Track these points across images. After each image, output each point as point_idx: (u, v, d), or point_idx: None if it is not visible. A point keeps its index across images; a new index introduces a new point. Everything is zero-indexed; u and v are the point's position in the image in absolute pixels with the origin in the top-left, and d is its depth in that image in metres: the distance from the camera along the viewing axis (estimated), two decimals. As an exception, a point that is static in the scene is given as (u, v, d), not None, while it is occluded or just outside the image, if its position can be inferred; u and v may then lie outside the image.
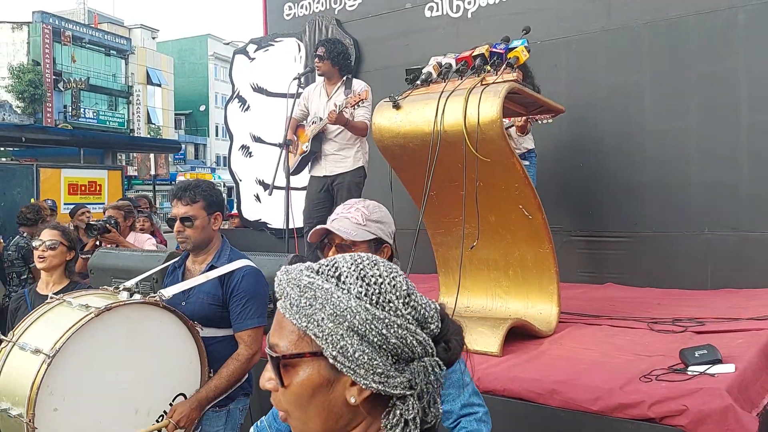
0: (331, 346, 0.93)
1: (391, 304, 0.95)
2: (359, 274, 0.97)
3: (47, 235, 3.45)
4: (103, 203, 9.01)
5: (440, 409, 0.97)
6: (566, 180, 5.55)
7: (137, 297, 2.56)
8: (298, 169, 5.24)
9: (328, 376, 0.95)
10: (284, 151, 5.09)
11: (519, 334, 3.45)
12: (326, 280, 0.97)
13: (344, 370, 0.93)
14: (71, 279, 3.56)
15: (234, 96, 8.22)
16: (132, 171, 25.95)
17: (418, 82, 3.59)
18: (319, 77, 5.36)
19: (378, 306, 0.94)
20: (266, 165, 7.39)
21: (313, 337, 0.94)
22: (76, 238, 3.78)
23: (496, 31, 4.44)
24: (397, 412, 0.94)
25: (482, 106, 3.20)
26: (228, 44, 48.69)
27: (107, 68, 40.27)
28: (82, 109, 36.78)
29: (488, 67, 3.41)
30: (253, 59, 8.01)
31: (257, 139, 7.89)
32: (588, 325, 3.82)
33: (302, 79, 5.45)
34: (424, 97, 3.50)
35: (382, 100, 3.67)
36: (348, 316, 0.93)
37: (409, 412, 0.94)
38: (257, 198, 7.87)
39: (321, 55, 5.04)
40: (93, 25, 41.35)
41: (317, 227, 1.97)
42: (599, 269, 5.47)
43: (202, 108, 49.17)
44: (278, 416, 1.02)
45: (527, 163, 4.93)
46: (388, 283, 0.97)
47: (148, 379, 2.52)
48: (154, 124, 43.33)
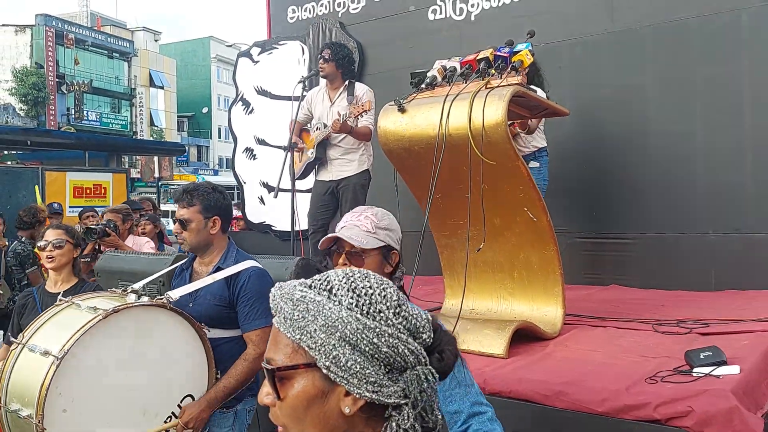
0: (324, 357, 0.96)
1: (381, 314, 0.98)
2: (350, 286, 1.00)
3: (53, 235, 3.43)
4: (108, 206, 9.03)
5: (438, 415, 0.98)
6: (570, 182, 5.55)
7: (145, 299, 2.58)
8: (303, 175, 5.28)
9: (323, 387, 0.97)
10: (289, 154, 5.11)
11: (524, 336, 3.46)
12: (318, 293, 1.00)
13: (337, 379, 0.95)
14: (79, 277, 3.57)
15: (238, 99, 8.24)
16: (134, 173, 25.98)
17: (423, 86, 3.59)
18: (322, 81, 5.38)
19: (369, 316, 0.97)
20: (270, 167, 7.41)
21: (306, 348, 0.97)
22: (80, 236, 3.78)
23: (500, 34, 4.46)
24: (393, 424, 0.96)
25: (487, 109, 3.21)
26: (230, 46, 48.60)
27: (110, 71, 40.26)
28: (85, 112, 36.74)
29: (493, 71, 3.42)
30: (257, 62, 8.03)
31: (261, 142, 7.91)
32: (593, 326, 3.82)
33: (306, 82, 5.47)
34: (429, 100, 3.51)
35: (387, 103, 3.68)
36: (339, 327, 0.96)
37: (405, 421, 0.96)
38: (261, 200, 7.88)
39: (326, 57, 5.07)
40: (96, 28, 41.41)
41: (328, 236, 2.00)
42: (603, 271, 5.46)
43: (205, 110, 49.14)
44: None
45: (537, 164, 4.87)
46: (379, 294, 0.99)
47: (156, 380, 2.54)
48: (157, 126, 43.33)
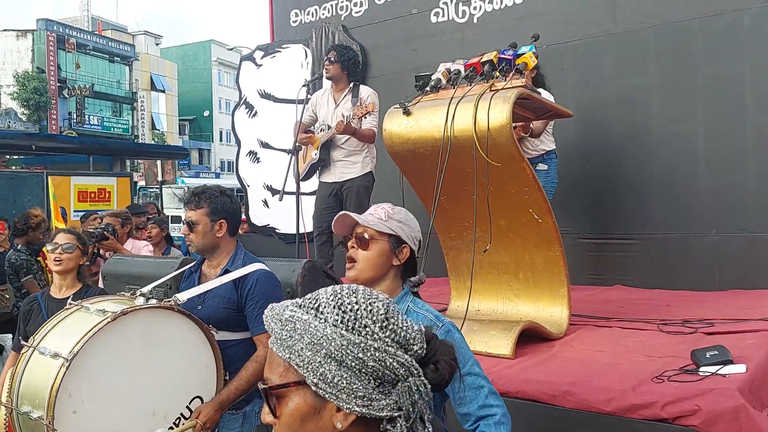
0: (311, 374, 0.98)
1: (367, 329, 0.99)
2: (336, 303, 1.02)
3: (63, 239, 3.45)
4: (112, 210, 9.04)
5: (430, 428, 1.00)
6: (573, 183, 5.57)
7: (153, 302, 2.59)
8: (307, 176, 5.30)
9: (314, 404, 0.99)
10: (294, 157, 5.13)
11: (530, 336, 3.48)
12: (306, 312, 1.02)
13: (327, 396, 0.97)
14: (84, 282, 3.59)
15: (241, 102, 8.27)
16: (136, 177, 25.93)
17: (428, 89, 3.61)
18: (326, 83, 5.40)
19: (354, 332, 0.99)
20: (274, 170, 7.44)
21: (296, 367, 0.99)
22: (89, 244, 3.80)
23: (502, 37, 4.49)
24: None
25: (492, 111, 3.23)
26: (231, 50, 48.69)
27: (111, 75, 40.31)
28: (86, 116, 36.80)
29: (497, 73, 3.44)
30: (260, 65, 8.05)
31: (265, 145, 7.93)
32: (598, 327, 3.84)
33: (310, 86, 5.49)
34: (434, 103, 3.53)
35: (392, 106, 3.70)
36: (324, 344, 0.98)
37: None
38: (265, 203, 7.90)
39: (332, 59, 5.10)
40: (97, 32, 41.51)
41: (340, 213, 2.07)
42: (607, 271, 5.48)
43: (206, 113, 49.18)
44: None
45: (546, 166, 4.84)
46: (365, 309, 1.01)
47: (165, 381, 2.55)
48: (159, 130, 43.36)
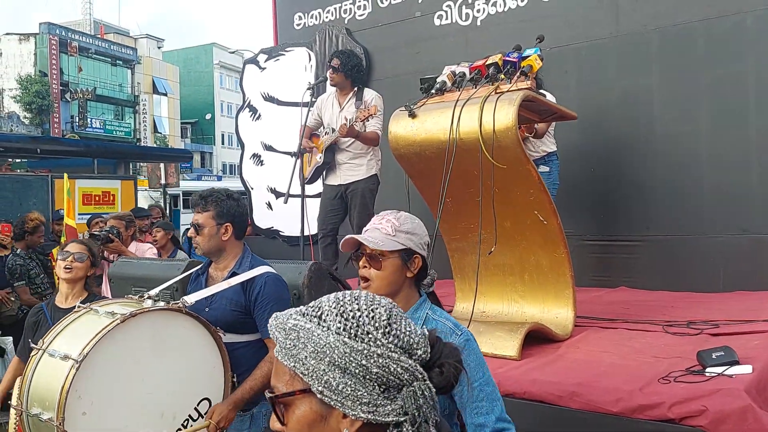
0: (316, 382, 0.99)
1: (369, 336, 1.00)
2: (339, 310, 1.03)
3: (76, 248, 3.47)
4: (116, 213, 9.06)
5: (433, 431, 1.01)
6: (577, 184, 5.58)
7: (161, 304, 2.61)
8: (312, 179, 5.31)
9: (321, 411, 1.01)
10: (299, 160, 5.15)
11: (536, 338, 3.49)
12: (309, 321, 1.03)
13: (332, 403, 0.99)
14: (90, 291, 3.59)
15: (245, 105, 8.29)
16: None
17: (433, 91, 3.63)
18: (330, 86, 5.41)
19: (356, 339, 1.00)
20: (278, 173, 7.47)
21: (301, 375, 1.01)
22: (98, 253, 3.82)
23: (505, 39, 4.50)
24: None
25: (497, 114, 3.24)
26: (233, 53, 48.72)
27: (114, 78, 40.40)
28: (89, 119, 36.90)
29: (502, 76, 3.45)
30: (264, 69, 8.08)
31: (268, 148, 7.95)
32: (603, 328, 3.85)
33: (315, 89, 5.51)
34: (439, 105, 3.54)
35: (398, 109, 3.71)
36: (328, 352, 0.99)
37: None
38: (269, 206, 7.92)
39: (335, 67, 5.09)
40: (99, 36, 41.60)
41: (347, 237, 2.01)
42: (611, 273, 5.48)
43: (208, 116, 49.25)
44: None
45: (547, 168, 4.89)
46: (367, 316, 1.02)
47: (173, 383, 2.56)
48: (161, 133, 43.44)
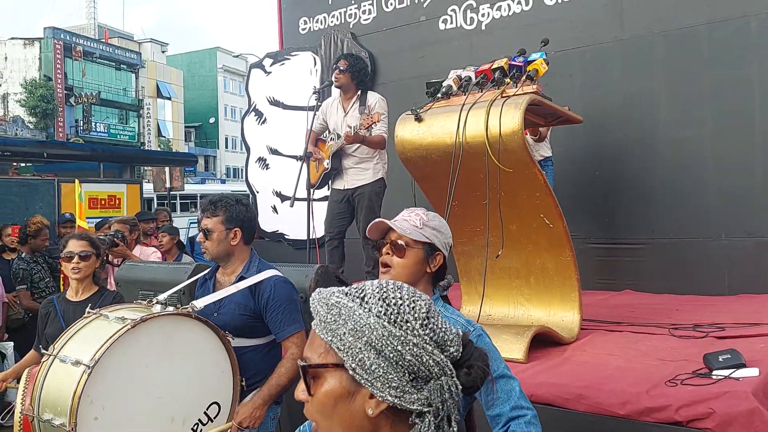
0: (350, 359, 1.02)
1: (408, 324, 1.04)
2: (381, 296, 1.06)
3: (78, 246, 3.43)
4: (121, 217, 9.09)
5: (455, 428, 1.03)
6: (582, 188, 5.59)
7: (170, 309, 2.63)
8: (321, 185, 5.37)
9: (349, 387, 1.03)
10: (305, 164, 5.17)
11: (542, 341, 3.50)
12: (351, 300, 1.06)
13: (362, 381, 1.02)
14: (99, 284, 3.61)
15: (250, 109, 8.32)
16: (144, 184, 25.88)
17: (439, 95, 3.64)
18: (335, 91, 5.44)
19: (396, 325, 1.03)
20: (283, 177, 7.50)
21: (336, 350, 1.03)
22: (101, 246, 3.83)
23: (510, 43, 4.52)
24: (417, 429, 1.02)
25: (504, 118, 3.26)
26: (237, 57, 48.95)
27: (118, 82, 40.52)
28: (93, 123, 37.04)
29: (508, 80, 3.47)
30: (269, 73, 8.11)
31: (274, 152, 7.98)
32: (609, 331, 3.85)
33: (320, 93, 5.54)
34: (446, 109, 3.56)
35: (404, 113, 3.73)
36: (366, 332, 1.02)
37: (427, 429, 1.02)
38: (274, 209, 7.94)
39: (342, 68, 5.12)
40: (103, 40, 41.76)
41: (377, 220, 2.07)
42: (616, 276, 5.48)
43: (212, 120, 49.37)
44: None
45: (543, 173, 4.93)
46: (408, 305, 1.05)
47: (183, 387, 2.58)
48: (165, 137, 43.58)
